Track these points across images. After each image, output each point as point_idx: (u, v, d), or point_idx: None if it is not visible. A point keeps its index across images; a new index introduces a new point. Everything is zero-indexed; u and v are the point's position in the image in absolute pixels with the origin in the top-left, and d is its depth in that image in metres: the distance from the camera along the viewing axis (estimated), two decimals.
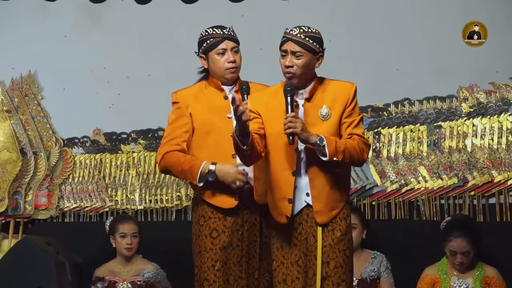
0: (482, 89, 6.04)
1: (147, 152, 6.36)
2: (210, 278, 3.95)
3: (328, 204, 3.71)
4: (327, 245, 3.68)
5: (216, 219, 3.98)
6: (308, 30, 3.75)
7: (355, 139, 3.71)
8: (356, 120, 3.74)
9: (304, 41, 3.72)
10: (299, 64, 3.72)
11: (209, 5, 6.37)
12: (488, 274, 5.11)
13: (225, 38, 4.03)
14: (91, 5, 6.52)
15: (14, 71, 6.48)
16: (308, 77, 3.76)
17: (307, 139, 3.63)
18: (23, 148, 6.36)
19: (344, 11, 6.26)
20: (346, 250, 3.70)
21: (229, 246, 3.96)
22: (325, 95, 3.75)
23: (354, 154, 3.68)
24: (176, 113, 4.07)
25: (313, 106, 3.75)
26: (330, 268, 3.66)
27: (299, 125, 3.61)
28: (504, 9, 6.10)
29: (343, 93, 3.75)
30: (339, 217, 3.72)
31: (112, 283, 5.37)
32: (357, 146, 3.69)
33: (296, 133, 3.61)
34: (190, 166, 3.92)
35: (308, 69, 3.75)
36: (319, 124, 3.71)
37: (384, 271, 5.29)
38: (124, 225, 5.45)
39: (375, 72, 6.07)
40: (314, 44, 3.73)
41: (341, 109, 3.73)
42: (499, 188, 5.84)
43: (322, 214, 3.71)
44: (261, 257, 3.99)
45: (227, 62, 4.01)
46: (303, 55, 3.72)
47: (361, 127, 3.76)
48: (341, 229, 3.70)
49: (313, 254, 3.68)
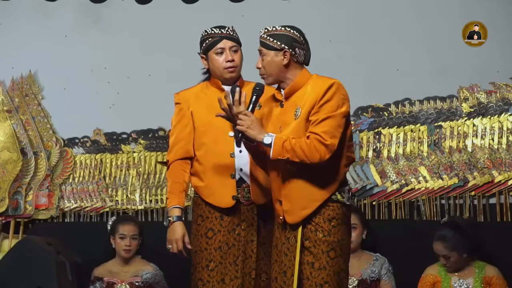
0: (482, 89, 6.03)
1: (148, 152, 6.36)
2: (204, 278, 3.96)
3: (297, 203, 3.63)
4: (311, 246, 3.62)
5: (213, 218, 3.99)
6: (273, 28, 3.71)
7: (310, 138, 3.56)
8: (320, 118, 3.58)
9: (265, 40, 3.70)
10: (263, 63, 3.71)
11: (210, 5, 6.38)
12: (489, 274, 5.11)
13: (224, 37, 4.03)
14: (91, 5, 6.52)
15: (14, 71, 6.49)
16: (282, 75, 3.71)
17: (254, 137, 3.61)
18: (23, 148, 6.37)
19: (345, 11, 6.26)
20: (330, 252, 3.61)
21: (224, 246, 3.97)
22: (305, 94, 3.67)
23: (301, 154, 3.55)
24: (178, 115, 4.09)
25: (290, 105, 3.70)
26: (314, 269, 3.61)
27: (246, 123, 3.60)
28: (504, 9, 6.10)
29: (315, 90, 3.64)
30: (323, 218, 3.63)
31: (111, 284, 5.37)
32: (307, 145, 3.55)
33: (241, 130, 3.61)
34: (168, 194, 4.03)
35: (275, 67, 3.69)
36: (292, 123, 3.67)
37: (385, 274, 5.28)
38: (125, 227, 5.45)
39: (375, 72, 6.07)
40: (274, 41, 3.68)
41: (309, 107, 3.62)
42: (499, 188, 5.84)
43: (291, 214, 3.65)
44: (258, 257, 3.99)
45: (225, 62, 4.02)
46: (265, 54, 3.70)
47: (324, 126, 3.57)
48: (323, 231, 3.61)
49: (292, 254, 3.64)
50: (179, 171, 4.02)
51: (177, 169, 4.03)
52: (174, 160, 4.04)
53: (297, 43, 3.70)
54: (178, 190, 3.99)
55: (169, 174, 4.05)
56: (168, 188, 4.04)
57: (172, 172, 4.03)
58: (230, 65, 4.02)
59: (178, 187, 4.00)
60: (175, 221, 3.95)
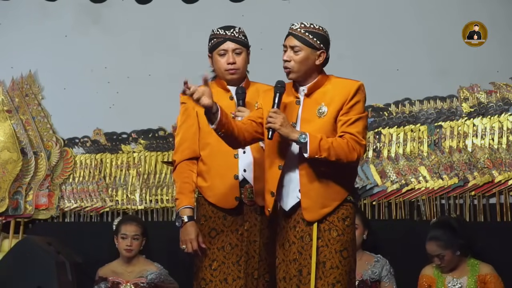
0: (482, 89, 6.04)
1: (148, 152, 6.36)
2: (206, 277, 3.96)
3: (317, 201, 3.64)
4: (324, 245, 3.63)
5: (216, 218, 4.00)
6: (311, 25, 3.69)
7: (346, 138, 3.60)
8: (353, 118, 3.63)
9: (303, 36, 3.67)
10: (296, 59, 3.67)
11: (210, 5, 6.38)
12: (483, 272, 5.11)
13: (228, 39, 4.02)
14: (91, 5, 6.52)
15: (14, 71, 6.49)
16: (308, 73, 3.70)
17: (287, 135, 3.59)
18: (23, 148, 6.36)
19: (345, 10, 6.26)
20: (343, 251, 3.63)
21: (227, 246, 3.97)
22: (327, 93, 3.68)
23: (341, 153, 3.57)
24: (184, 115, 4.10)
25: (312, 102, 3.70)
26: (326, 269, 3.61)
27: (278, 120, 3.58)
28: (504, 9, 6.10)
29: (343, 91, 3.66)
30: (337, 217, 3.65)
31: (116, 283, 5.38)
32: (345, 145, 3.59)
33: (275, 128, 3.59)
34: (178, 195, 4.02)
35: (307, 65, 3.68)
36: (315, 120, 3.67)
37: (386, 276, 5.28)
38: (126, 227, 5.46)
39: (375, 72, 6.06)
40: (314, 39, 3.66)
41: (338, 107, 3.64)
42: (499, 188, 5.84)
43: (310, 211, 3.65)
44: (261, 258, 3.99)
45: (226, 64, 4.02)
46: (301, 50, 3.67)
47: (357, 126, 3.62)
48: (338, 230, 3.63)
49: (308, 253, 3.65)
50: (187, 172, 4.02)
51: (185, 169, 4.03)
52: (182, 160, 4.04)
53: (329, 45, 3.73)
54: (188, 191, 4.00)
55: (177, 175, 4.05)
56: (178, 188, 4.03)
57: (180, 173, 4.03)
58: (230, 68, 4.02)
59: (187, 187, 4.00)
60: (188, 221, 3.96)
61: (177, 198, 4.03)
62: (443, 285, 5.11)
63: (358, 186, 5.91)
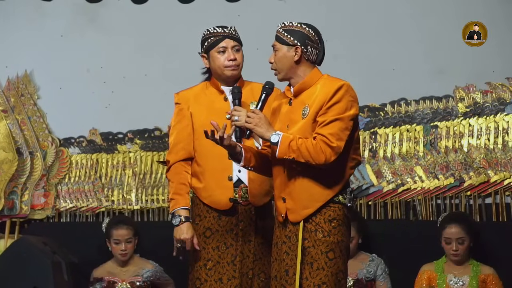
0: (478, 89, 6.04)
1: (144, 152, 6.36)
2: (201, 277, 3.97)
3: (298, 202, 3.63)
4: (311, 246, 3.62)
5: (211, 218, 4.01)
6: (289, 24, 3.68)
7: (317, 139, 3.55)
8: (328, 119, 3.56)
9: (280, 35, 3.67)
10: (275, 58, 3.68)
11: (206, 5, 6.37)
12: (484, 273, 5.14)
13: (226, 36, 4.03)
14: (87, 4, 6.51)
15: (10, 70, 6.47)
16: (292, 72, 3.68)
17: (261, 135, 3.61)
18: (19, 148, 6.36)
19: (341, 10, 6.26)
20: (329, 253, 3.60)
21: (222, 245, 3.98)
22: (314, 93, 3.65)
23: (307, 155, 3.54)
24: (178, 115, 4.10)
25: (299, 103, 3.68)
26: (313, 269, 3.60)
27: (254, 120, 3.59)
28: (503, 9, 6.10)
29: (324, 91, 3.61)
30: (323, 218, 3.62)
31: (111, 283, 5.37)
32: (313, 147, 3.54)
33: (249, 127, 3.61)
34: (174, 195, 4.04)
35: (285, 63, 3.66)
36: (299, 121, 3.65)
37: (381, 275, 5.29)
38: (118, 231, 5.43)
39: (371, 72, 6.07)
40: (288, 36, 3.64)
41: (317, 107, 3.60)
42: (495, 188, 5.84)
43: (293, 212, 3.64)
44: (255, 257, 4.00)
45: (227, 60, 4.02)
46: (278, 49, 3.67)
47: (332, 127, 3.55)
48: (323, 231, 3.60)
49: (294, 253, 3.64)
50: (183, 173, 4.04)
51: (180, 170, 4.04)
52: (176, 161, 4.05)
53: (310, 41, 3.67)
54: (185, 192, 4.02)
55: (172, 175, 4.06)
56: (173, 189, 4.04)
57: (175, 173, 4.05)
58: (232, 64, 4.02)
59: (183, 188, 4.02)
60: (184, 221, 3.98)
61: (173, 198, 4.03)
62: (445, 282, 5.12)
63: (353, 187, 5.91)
